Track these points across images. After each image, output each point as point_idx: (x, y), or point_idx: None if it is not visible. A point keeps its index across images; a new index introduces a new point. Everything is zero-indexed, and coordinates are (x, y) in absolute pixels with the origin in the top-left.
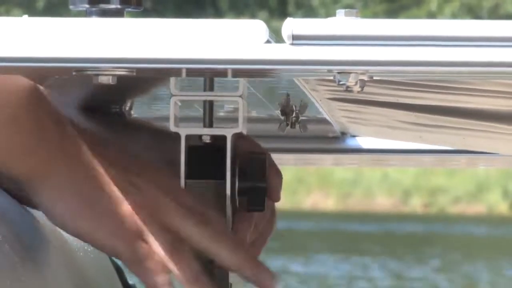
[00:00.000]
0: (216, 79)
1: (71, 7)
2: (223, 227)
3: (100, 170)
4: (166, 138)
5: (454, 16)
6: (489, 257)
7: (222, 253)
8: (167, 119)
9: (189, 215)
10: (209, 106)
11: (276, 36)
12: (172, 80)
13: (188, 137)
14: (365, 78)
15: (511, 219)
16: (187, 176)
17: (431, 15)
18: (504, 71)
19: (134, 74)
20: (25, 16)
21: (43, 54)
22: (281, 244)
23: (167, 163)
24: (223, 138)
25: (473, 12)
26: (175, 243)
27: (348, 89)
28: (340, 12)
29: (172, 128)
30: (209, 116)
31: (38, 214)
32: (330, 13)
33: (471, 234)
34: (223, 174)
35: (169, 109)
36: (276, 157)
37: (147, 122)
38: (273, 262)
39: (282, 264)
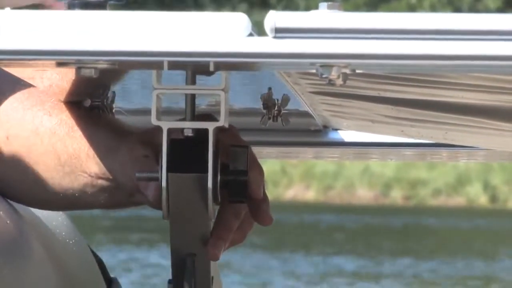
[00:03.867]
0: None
1: None
2: None
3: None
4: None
5: (433, 8)
6: (469, 249)
7: None
8: (149, 112)
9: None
10: (191, 100)
11: (257, 28)
12: (154, 73)
13: (170, 131)
14: (347, 71)
15: (491, 212)
16: (169, 169)
17: (411, 8)
18: (485, 65)
19: (116, 66)
20: (8, 9)
21: (25, 46)
22: (262, 238)
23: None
24: (205, 131)
25: (453, 5)
26: None
27: (330, 82)
28: (323, 5)
29: (154, 121)
30: (191, 109)
31: (20, 209)
32: (310, 5)
33: (451, 226)
34: (205, 167)
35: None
36: (258, 150)
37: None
38: (254, 255)
39: (261, 258)
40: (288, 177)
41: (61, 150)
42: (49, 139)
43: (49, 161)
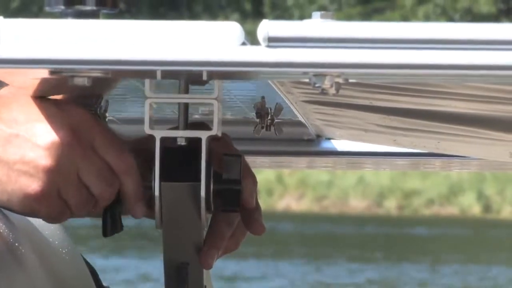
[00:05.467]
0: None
1: (46, 8)
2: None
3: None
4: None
5: (427, 18)
6: (463, 258)
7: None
8: (142, 121)
9: (100, 175)
10: (184, 109)
11: (250, 37)
12: (147, 82)
13: (163, 139)
14: (340, 80)
15: (484, 222)
16: (162, 178)
17: (405, 17)
18: (479, 74)
19: (109, 76)
20: (1, 18)
21: (18, 55)
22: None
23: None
24: (198, 140)
25: (447, 15)
26: (88, 199)
27: (323, 92)
28: (316, 15)
29: (147, 130)
30: (184, 118)
31: (13, 217)
32: (304, 14)
33: (444, 236)
34: (198, 176)
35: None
36: (251, 159)
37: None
38: (246, 264)
39: (253, 267)
40: (283, 186)
41: None
42: None
43: None
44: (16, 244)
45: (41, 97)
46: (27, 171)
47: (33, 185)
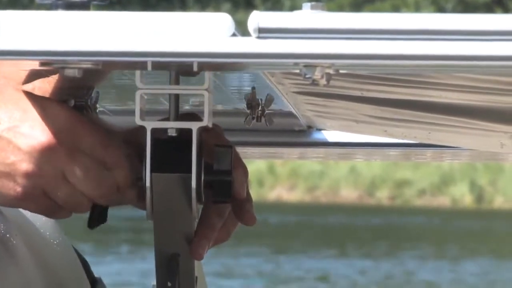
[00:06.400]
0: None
1: (37, 0)
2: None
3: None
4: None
5: (417, 8)
6: (452, 248)
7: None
8: (133, 112)
9: (89, 174)
10: (175, 100)
11: (241, 28)
12: (138, 73)
13: (154, 131)
14: (331, 71)
15: (475, 212)
16: (153, 170)
17: (396, 7)
18: (469, 65)
19: (100, 67)
20: None
21: (9, 47)
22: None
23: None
24: (189, 131)
25: (437, 4)
26: (80, 198)
27: (314, 83)
28: (306, 5)
29: (138, 121)
30: (175, 109)
31: (4, 208)
32: (296, 5)
33: (435, 226)
34: (189, 167)
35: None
36: (242, 150)
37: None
38: (239, 256)
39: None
40: (274, 177)
41: None
42: None
43: None
44: (7, 236)
45: (27, 92)
46: (9, 173)
47: (16, 187)
